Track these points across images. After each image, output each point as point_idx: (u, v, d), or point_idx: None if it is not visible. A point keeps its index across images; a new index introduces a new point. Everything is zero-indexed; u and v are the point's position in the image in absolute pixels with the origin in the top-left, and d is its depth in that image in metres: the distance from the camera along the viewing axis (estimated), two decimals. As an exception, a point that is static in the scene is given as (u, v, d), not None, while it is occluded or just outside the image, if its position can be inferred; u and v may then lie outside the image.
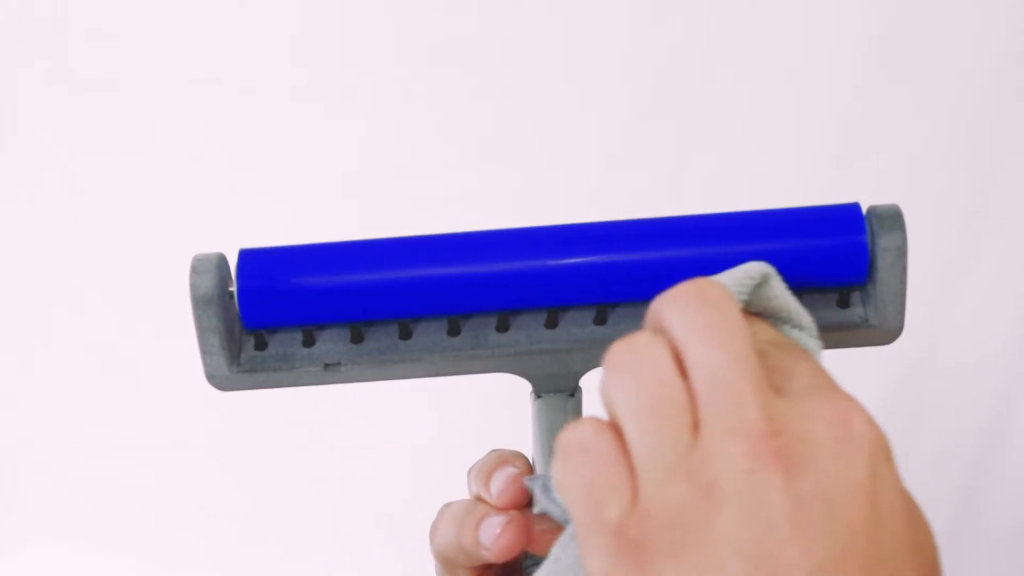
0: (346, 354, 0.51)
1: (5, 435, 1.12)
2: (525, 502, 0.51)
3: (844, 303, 0.51)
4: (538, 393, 0.53)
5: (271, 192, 1.10)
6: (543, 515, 0.50)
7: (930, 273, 1.05)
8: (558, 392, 0.52)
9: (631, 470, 0.38)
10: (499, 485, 0.51)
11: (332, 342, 0.51)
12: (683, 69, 1.07)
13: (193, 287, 0.50)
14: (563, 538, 0.43)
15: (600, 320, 0.51)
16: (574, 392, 0.52)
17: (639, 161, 1.07)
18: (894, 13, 1.05)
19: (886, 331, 0.50)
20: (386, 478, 1.11)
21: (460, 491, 0.55)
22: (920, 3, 1.05)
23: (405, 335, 0.51)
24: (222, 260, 0.50)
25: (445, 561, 0.53)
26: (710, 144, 1.07)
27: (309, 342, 0.51)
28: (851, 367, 1.07)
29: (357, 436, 1.10)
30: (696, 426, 0.38)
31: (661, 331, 0.40)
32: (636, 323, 0.50)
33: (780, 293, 0.44)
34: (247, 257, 0.51)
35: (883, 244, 0.48)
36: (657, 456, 0.38)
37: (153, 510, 1.12)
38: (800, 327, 0.44)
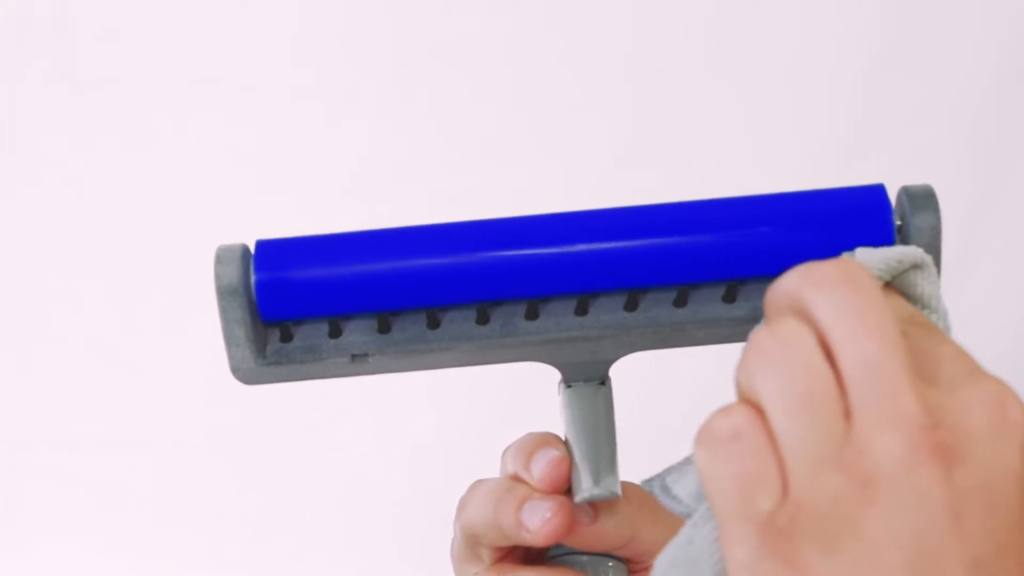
0: (373, 344, 0.50)
1: (5, 435, 1.12)
2: (564, 487, 0.50)
3: None
4: (568, 382, 0.52)
5: (271, 191, 1.09)
6: (583, 506, 0.50)
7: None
8: (588, 381, 0.51)
9: (781, 461, 0.37)
10: (542, 468, 0.50)
11: (359, 333, 0.50)
12: (685, 69, 1.07)
13: (218, 278, 0.48)
14: (695, 520, 0.42)
15: (631, 306, 0.50)
16: (604, 380, 0.52)
17: (640, 161, 1.07)
18: (897, 13, 1.05)
19: None
20: (386, 477, 1.10)
21: (460, 491, 0.54)
22: (923, 3, 1.05)
23: (433, 324, 0.50)
24: (246, 251, 0.49)
25: (472, 538, 0.52)
26: (712, 143, 1.07)
27: (335, 333, 0.50)
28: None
29: (357, 436, 1.10)
30: (848, 415, 0.37)
31: (803, 313, 0.38)
32: (666, 309, 0.50)
33: (928, 283, 0.44)
34: (265, 248, 0.49)
35: (917, 224, 0.48)
36: (810, 447, 0.37)
37: (153, 510, 1.12)
38: (935, 312, 0.44)
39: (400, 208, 1.08)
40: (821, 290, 0.38)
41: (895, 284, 0.43)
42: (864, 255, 0.43)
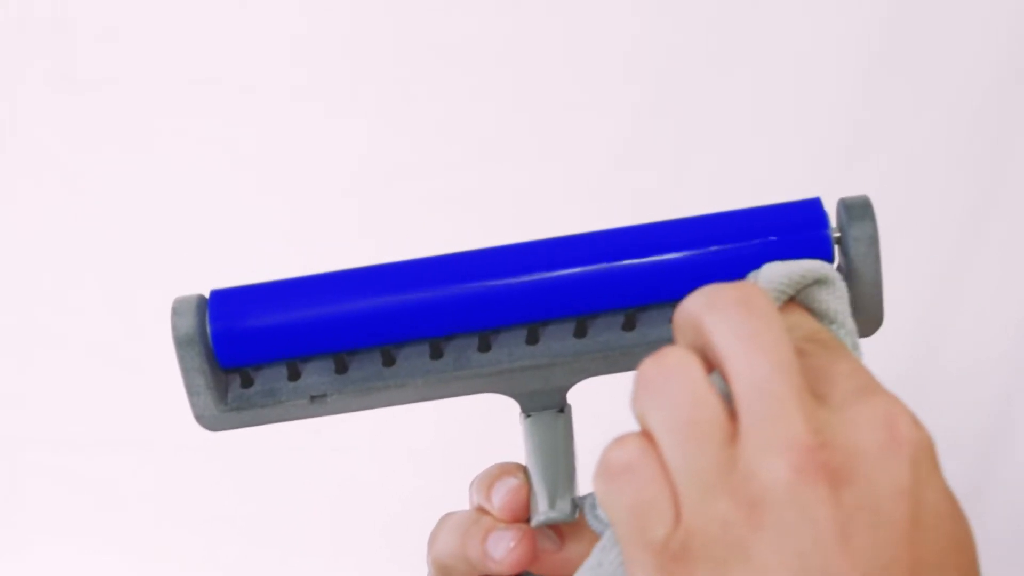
0: (331, 385, 0.51)
1: (5, 435, 1.12)
2: (525, 515, 0.51)
3: None
4: (527, 412, 0.52)
5: (271, 192, 1.09)
6: (543, 531, 0.51)
7: (932, 272, 1.05)
8: (546, 409, 0.52)
9: (673, 489, 0.38)
10: (501, 497, 0.51)
11: (317, 374, 0.51)
12: (685, 69, 1.07)
13: (175, 328, 0.50)
14: (604, 543, 0.43)
15: (580, 332, 0.51)
16: (563, 408, 0.52)
17: (640, 161, 1.07)
18: (896, 13, 1.05)
19: (866, 322, 0.50)
20: (384, 479, 1.11)
21: (459, 493, 0.55)
22: (923, 3, 1.05)
23: (388, 362, 0.51)
24: (202, 300, 0.50)
25: (443, 570, 0.53)
26: (712, 144, 1.07)
27: (294, 376, 0.52)
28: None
29: (356, 437, 1.10)
30: (735, 439, 0.37)
31: (702, 337, 0.39)
32: (615, 333, 0.51)
33: (835, 298, 0.44)
34: (218, 298, 0.50)
35: (854, 234, 0.48)
36: (698, 474, 0.37)
37: (153, 510, 1.12)
38: (843, 326, 0.44)
39: (400, 208, 1.08)
40: (718, 314, 0.38)
41: (800, 299, 0.44)
42: (769, 270, 0.44)
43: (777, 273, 0.44)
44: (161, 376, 1.10)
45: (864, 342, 0.51)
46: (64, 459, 1.12)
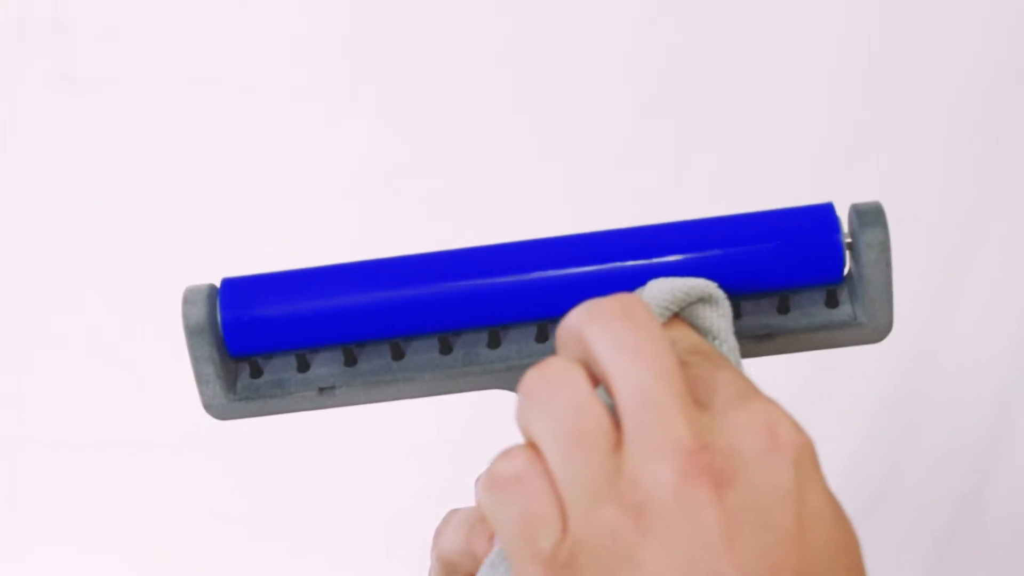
0: (340, 377, 0.52)
1: (5, 435, 1.12)
2: None
3: (832, 302, 0.51)
4: None
5: (271, 192, 1.10)
6: None
7: (932, 272, 1.05)
8: None
9: (560, 499, 0.38)
10: None
11: (326, 366, 0.52)
12: (684, 69, 1.07)
13: (185, 317, 0.50)
14: (492, 559, 0.44)
15: None
16: None
17: (640, 161, 1.08)
18: (896, 13, 1.05)
19: (875, 328, 0.50)
20: (388, 477, 1.11)
21: (463, 489, 0.55)
22: (923, 3, 1.05)
23: (398, 355, 0.51)
24: (212, 290, 0.50)
25: (448, 566, 0.53)
26: (712, 144, 1.07)
27: (303, 367, 0.52)
28: (852, 367, 1.08)
29: (358, 435, 1.10)
30: (620, 447, 0.38)
31: (582, 348, 0.40)
32: None
33: (718, 316, 0.45)
34: (229, 287, 0.51)
35: (866, 240, 0.48)
36: (583, 483, 0.38)
37: (153, 510, 1.12)
38: (725, 343, 0.45)
39: (400, 208, 1.08)
40: (599, 325, 0.39)
41: (685, 315, 0.44)
42: (653, 287, 0.45)
43: (661, 289, 0.44)
44: (160, 376, 1.10)
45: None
46: (64, 459, 1.12)
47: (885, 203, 0.50)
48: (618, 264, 0.50)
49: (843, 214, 0.50)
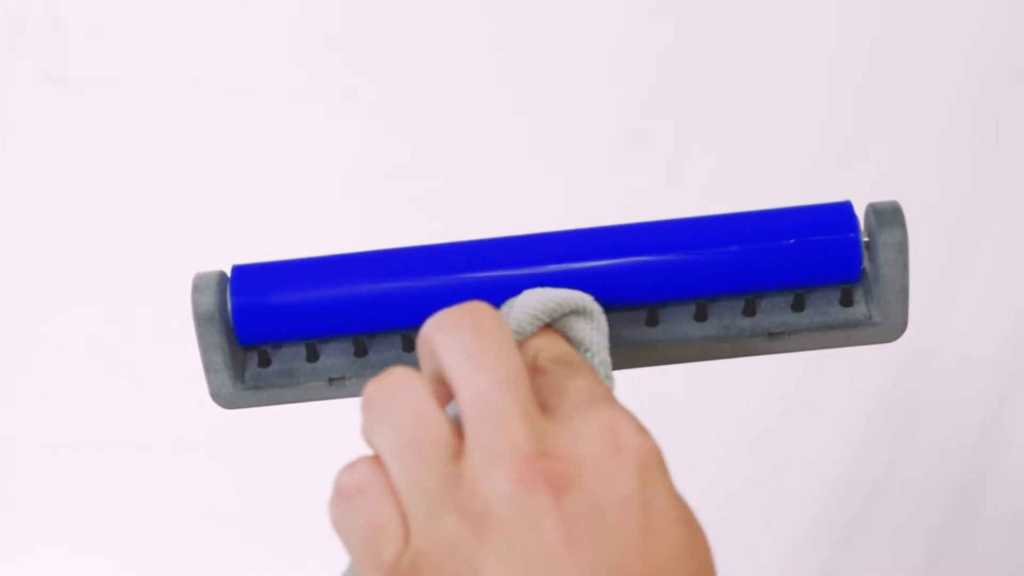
0: (350, 368, 0.51)
1: (5, 435, 1.12)
2: None
3: (847, 301, 0.51)
4: None
5: (269, 191, 1.10)
6: None
7: (928, 272, 1.05)
8: None
9: (402, 509, 0.38)
10: None
11: (336, 356, 0.51)
12: (681, 68, 1.07)
13: (195, 305, 0.49)
14: (344, 573, 0.44)
15: None
16: None
17: (636, 161, 1.08)
18: (893, 12, 1.05)
19: (890, 328, 0.50)
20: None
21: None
22: (920, 2, 1.05)
23: (409, 347, 0.51)
24: (223, 277, 0.50)
25: None
26: (708, 143, 1.07)
27: (313, 357, 0.51)
28: (850, 366, 1.08)
29: (356, 435, 1.10)
30: (461, 455, 0.38)
31: (433, 356, 0.40)
32: (637, 328, 0.51)
33: (591, 328, 0.45)
34: (240, 274, 0.50)
35: (884, 240, 0.49)
36: (423, 492, 0.38)
37: (152, 510, 1.12)
38: (597, 355, 0.45)
39: (398, 208, 1.08)
40: (446, 334, 0.39)
41: (558, 327, 0.45)
42: (526, 297, 0.45)
43: (533, 299, 0.45)
44: (157, 376, 1.10)
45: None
46: (61, 459, 1.12)
47: (884, 200, 0.50)
48: (630, 259, 0.49)
49: (858, 212, 0.50)
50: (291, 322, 0.50)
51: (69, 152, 1.10)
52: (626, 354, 0.51)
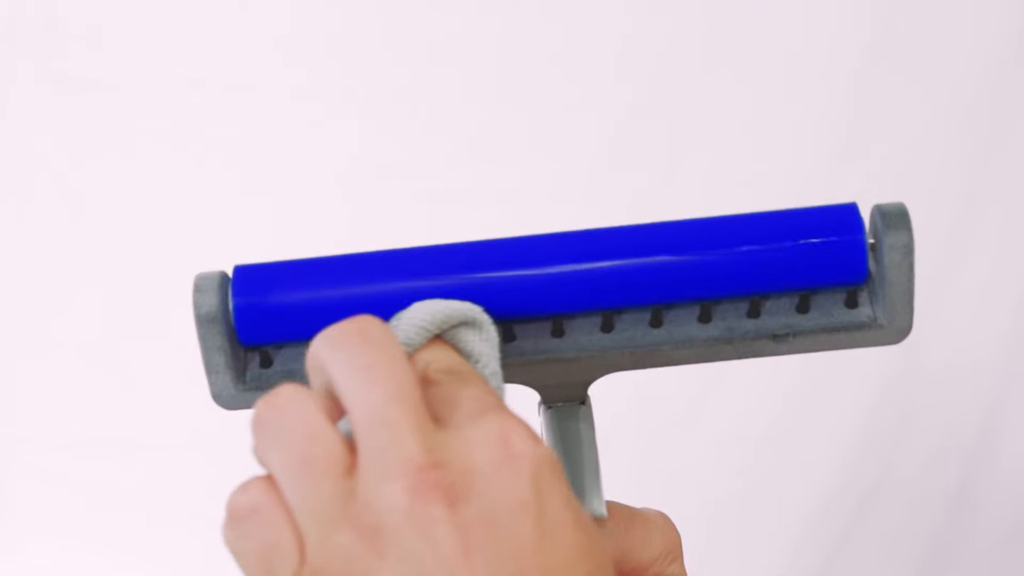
0: None
1: (1, 435, 1.12)
2: None
3: (852, 303, 0.51)
4: (548, 403, 0.52)
5: (266, 192, 1.09)
6: None
7: (924, 272, 1.05)
8: (567, 401, 0.52)
9: (296, 528, 0.38)
10: None
11: None
12: (678, 68, 1.07)
13: (196, 306, 0.49)
14: None
15: (607, 327, 0.51)
16: (584, 400, 0.52)
17: (632, 160, 1.08)
18: (889, 11, 1.05)
19: (895, 330, 0.50)
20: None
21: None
22: (915, 2, 1.05)
23: None
24: (224, 278, 0.49)
25: None
26: (704, 143, 1.07)
27: None
28: (845, 367, 1.08)
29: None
30: (354, 470, 0.38)
31: (323, 373, 0.40)
32: (642, 329, 0.50)
33: (480, 341, 0.45)
34: (242, 274, 0.50)
35: (890, 242, 0.48)
36: (316, 510, 0.38)
37: (150, 510, 1.12)
38: (487, 367, 0.45)
39: (391, 209, 1.08)
40: (335, 349, 0.39)
41: (448, 338, 0.45)
42: (414, 309, 0.45)
43: (422, 311, 0.45)
44: (154, 377, 1.10)
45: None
46: (57, 460, 1.12)
47: (878, 201, 0.51)
48: (636, 260, 0.49)
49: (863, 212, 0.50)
50: (293, 323, 0.49)
51: (65, 153, 1.09)
52: (631, 355, 0.50)
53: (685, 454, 1.08)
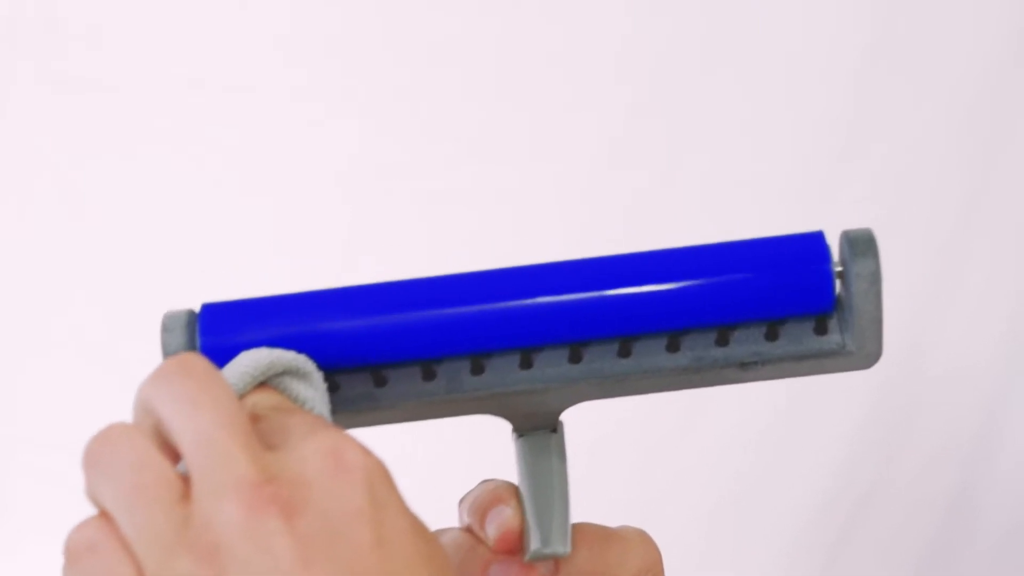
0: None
1: (1, 435, 1.12)
2: (519, 544, 0.51)
3: (821, 330, 0.51)
4: (519, 432, 0.53)
5: (267, 192, 1.09)
6: (535, 562, 0.51)
7: (922, 275, 1.05)
8: (538, 429, 0.52)
9: (135, 559, 0.39)
10: (495, 529, 0.51)
11: None
12: (678, 68, 1.07)
13: (164, 345, 0.50)
14: None
15: (575, 358, 0.51)
16: (556, 428, 0.53)
17: (632, 161, 1.08)
18: (889, 11, 1.05)
19: (864, 356, 0.51)
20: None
21: (453, 497, 0.55)
22: (915, 2, 1.05)
23: (380, 382, 0.51)
24: (192, 316, 0.50)
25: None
26: (705, 142, 1.07)
27: None
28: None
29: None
30: (188, 496, 0.39)
31: (149, 413, 0.41)
32: (610, 360, 0.51)
33: (306, 388, 0.46)
34: (209, 312, 0.50)
35: (856, 270, 0.49)
36: (154, 539, 0.38)
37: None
38: (313, 411, 0.46)
39: (391, 209, 1.08)
40: (160, 385, 0.40)
41: (275, 384, 0.46)
42: (241, 357, 0.46)
43: (246, 358, 0.46)
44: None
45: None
46: (59, 460, 1.12)
47: (876, 204, 0.51)
48: (601, 293, 0.49)
49: (836, 224, 0.51)
50: None
51: (65, 153, 1.09)
52: (599, 385, 0.51)
53: (682, 457, 1.08)
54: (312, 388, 0.47)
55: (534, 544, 0.50)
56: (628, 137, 1.08)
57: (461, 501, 0.53)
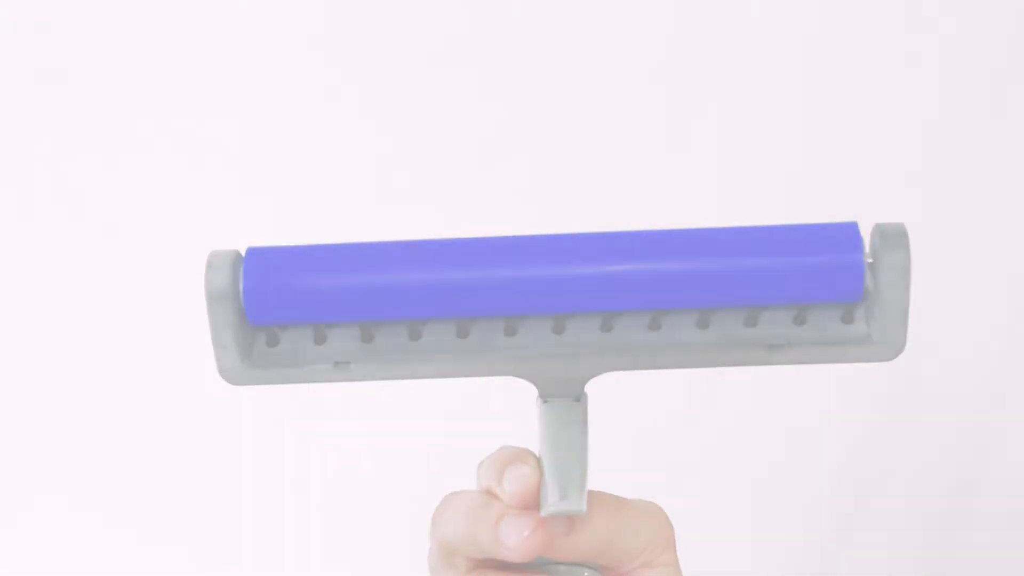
0: (356, 353, 0.52)
1: (1, 436, 1.12)
2: (535, 502, 0.51)
3: (848, 318, 0.52)
4: (544, 397, 0.53)
5: (267, 192, 1.10)
6: (558, 518, 0.51)
7: (924, 271, 1.05)
8: (564, 396, 0.53)
9: None
10: (512, 484, 0.51)
11: (342, 341, 0.52)
12: (678, 68, 1.07)
13: (208, 282, 0.51)
14: None
15: (606, 327, 0.52)
16: (579, 397, 0.53)
17: (631, 161, 1.08)
18: (889, 11, 1.05)
19: (888, 347, 0.51)
20: (382, 478, 1.11)
21: (455, 485, 0.55)
22: (912, 4, 1.05)
23: (415, 336, 0.52)
24: (237, 257, 0.52)
25: (449, 551, 0.53)
26: (705, 142, 1.07)
27: (320, 340, 0.53)
28: (845, 366, 1.08)
29: (351, 436, 1.10)
30: None
31: None
32: (640, 332, 0.52)
33: None
34: (254, 255, 0.52)
35: (887, 263, 0.50)
36: None
37: (148, 510, 1.12)
38: None
39: (391, 208, 1.08)
40: None
41: None
42: None
43: None
44: (155, 378, 1.10)
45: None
46: (58, 459, 1.12)
47: (874, 203, 0.51)
48: (637, 265, 0.50)
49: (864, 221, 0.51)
50: (300, 305, 0.51)
51: (63, 151, 1.09)
52: (627, 355, 0.51)
53: (682, 454, 1.08)
54: None
55: (551, 499, 0.50)
56: (628, 137, 1.08)
57: (480, 464, 0.53)
